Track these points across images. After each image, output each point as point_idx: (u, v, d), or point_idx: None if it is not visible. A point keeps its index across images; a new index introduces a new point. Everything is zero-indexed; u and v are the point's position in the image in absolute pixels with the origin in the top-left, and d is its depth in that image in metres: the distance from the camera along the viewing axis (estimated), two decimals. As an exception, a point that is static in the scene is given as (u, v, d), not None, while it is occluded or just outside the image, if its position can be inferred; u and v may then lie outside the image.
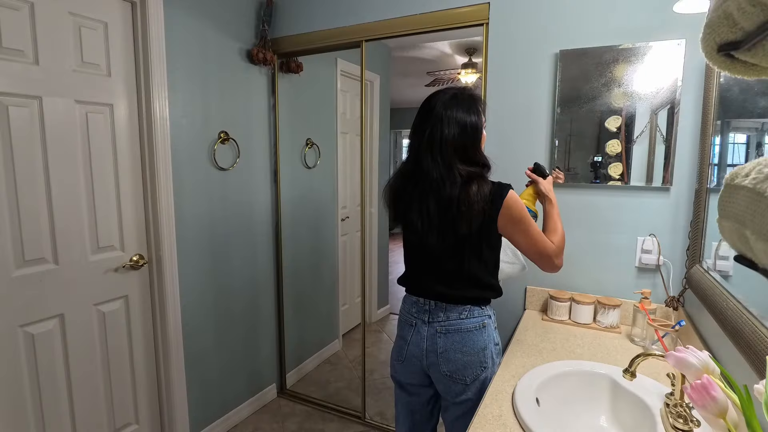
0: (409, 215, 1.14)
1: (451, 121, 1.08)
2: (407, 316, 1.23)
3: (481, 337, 1.15)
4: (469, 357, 1.13)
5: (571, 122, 1.54)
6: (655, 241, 1.47)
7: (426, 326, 1.17)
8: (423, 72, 3.89)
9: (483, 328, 1.15)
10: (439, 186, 1.08)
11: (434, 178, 1.08)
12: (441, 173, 1.07)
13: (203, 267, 1.94)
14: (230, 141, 2.00)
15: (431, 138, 1.09)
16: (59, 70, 1.44)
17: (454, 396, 1.17)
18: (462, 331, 1.14)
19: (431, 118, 1.10)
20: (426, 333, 1.17)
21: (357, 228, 3.01)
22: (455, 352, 1.14)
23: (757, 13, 0.33)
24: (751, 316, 0.78)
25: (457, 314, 1.15)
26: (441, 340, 1.15)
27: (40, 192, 1.42)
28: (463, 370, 1.14)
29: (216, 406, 2.05)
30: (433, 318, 1.17)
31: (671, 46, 1.38)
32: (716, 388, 0.54)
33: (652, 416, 0.92)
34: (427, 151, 1.09)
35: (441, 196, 1.08)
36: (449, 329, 1.15)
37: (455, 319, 1.15)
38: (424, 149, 1.10)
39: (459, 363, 1.14)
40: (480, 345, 1.14)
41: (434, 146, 1.08)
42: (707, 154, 1.24)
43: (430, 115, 1.10)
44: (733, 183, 0.44)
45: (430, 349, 1.16)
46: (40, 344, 1.45)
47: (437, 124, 1.08)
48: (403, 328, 1.24)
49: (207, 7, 1.86)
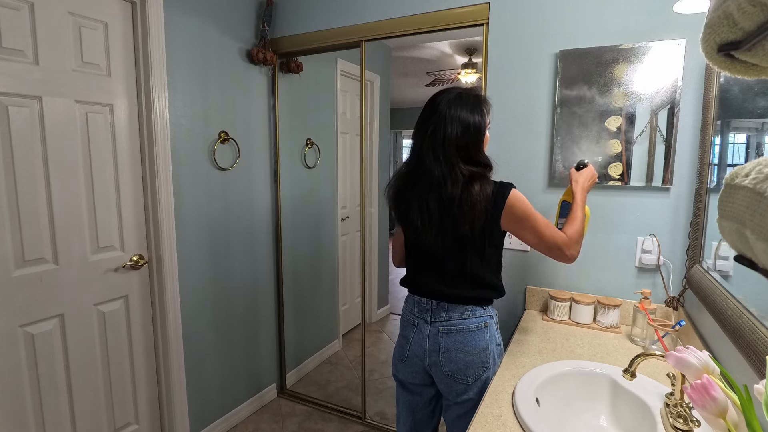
0: (410, 214, 1.14)
1: (455, 120, 1.08)
2: (409, 315, 1.23)
3: (483, 338, 1.15)
4: (470, 357, 1.14)
5: (572, 122, 1.53)
6: (655, 241, 1.47)
7: (428, 326, 1.18)
8: (423, 72, 3.89)
9: (485, 329, 1.16)
10: (441, 184, 1.08)
11: (435, 176, 1.08)
12: (443, 172, 1.07)
13: (203, 267, 1.94)
14: (230, 141, 2.00)
15: (434, 136, 1.09)
16: (59, 70, 1.44)
17: (455, 396, 1.17)
18: (464, 331, 1.14)
19: (435, 117, 1.10)
20: (428, 333, 1.17)
21: (357, 228, 3.01)
22: (457, 352, 1.14)
23: (757, 13, 0.33)
24: (751, 316, 0.78)
25: (459, 314, 1.15)
26: (443, 339, 1.15)
27: (40, 192, 1.42)
28: (464, 370, 1.14)
29: (216, 406, 2.05)
30: (435, 318, 1.17)
31: (671, 46, 1.38)
32: (716, 388, 0.54)
33: (652, 416, 0.92)
34: (429, 150, 1.09)
35: (442, 194, 1.08)
36: (451, 329, 1.15)
37: (457, 319, 1.15)
38: (426, 147, 1.10)
39: (461, 363, 1.14)
40: (482, 345, 1.15)
41: (436, 145, 1.08)
42: (707, 154, 1.24)
43: (434, 114, 1.10)
44: (733, 183, 0.44)
45: (432, 349, 1.16)
46: (40, 344, 1.45)
47: (440, 123, 1.08)
48: (405, 328, 1.24)
49: (207, 7, 1.86)
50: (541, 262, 1.65)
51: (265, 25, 2.08)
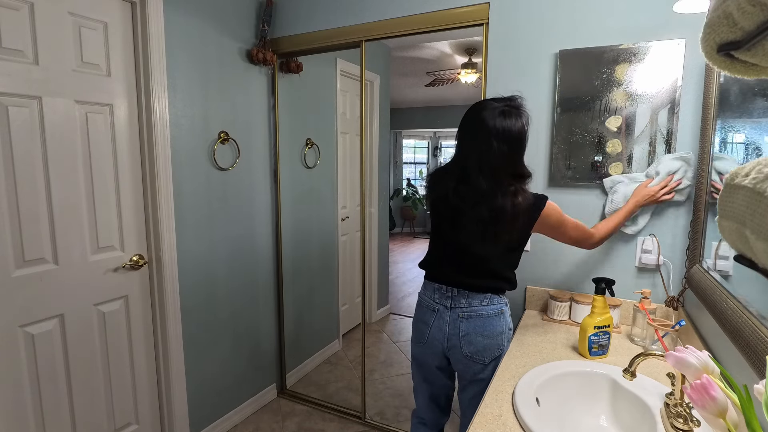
0: (459, 219, 1.22)
1: (501, 139, 1.14)
2: (429, 301, 1.31)
3: (499, 323, 1.26)
4: (489, 340, 1.24)
5: (572, 122, 1.53)
6: (655, 241, 1.47)
7: (448, 311, 1.26)
8: (423, 72, 3.89)
9: (501, 314, 1.26)
10: (488, 198, 1.15)
11: (482, 190, 1.16)
12: (491, 187, 1.15)
13: (203, 267, 1.94)
14: (230, 141, 2.00)
15: (481, 156, 1.15)
16: (59, 70, 1.44)
17: (472, 375, 1.27)
18: (483, 317, 1.24)
19: (481, 135, 1.15)
20: (449, 318, 1.26)
21: (357, 228, 3.01)
22: (477, 335, 1.24)
23: (757, 12, 0.33)
24: (751, 316, 0.78)
25: (479, 301, 1.24)
26: (463, 324, 1.24)
27: (40, 192, 1.42)
28: (483, 352, 1.24)
29: (216, 406, 2.05)
30: (455, 304, 1.26)
31: (671, 46, 1.38)
32: (716, 388, 0.54)
33: (652, 416, 0.92)
34: (476, 168, 1.16)
35: (488, 208, 1.15)
36: (471, 314, 1.24)
37: (477, 306, 1.24)
38: (473, 166, 1.17)
39: (480, 345, 1.24)
40: (498, 329, 1.25)
41: (483, 165, 1.15)
42: (707, 154, 1.24)
43: (480, 131, 1.16)
44: (733, 183, 0.44)
45: (452, 333, 1.26)
46: (40, 344, 1.45)
47: (487, 142, 1.14)
48: (425, 314, 1.32)
49: (207, 7, 1.86)
50: (541, 263, 1.65)
51: (265, 25, 2.08)
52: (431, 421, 1.45)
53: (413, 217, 7.10)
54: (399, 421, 2.16)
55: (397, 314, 3.59)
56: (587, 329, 1.21)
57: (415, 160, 7.48)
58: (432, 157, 7.36)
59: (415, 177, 7.42)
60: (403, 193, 7.12)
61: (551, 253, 1.63)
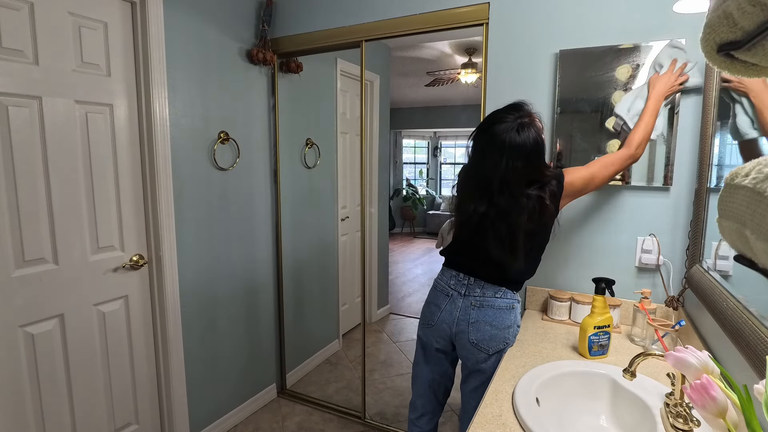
0: (482, 231, 1.24)
1: (518, 155, 1.16)
2: (444, 286, 1.35)
3: (509, 316, 1.28)
4: (496, 331, 1.27)
5: (572, 122, 1.53)
6: (655, 241, 1.47)
7: (461, 298, 1.30)
8: (423, 72, 3.90)
9: (512, 309, 1.29)
10: (508, 216, 1.19)
11: (504, 209, 1.19)
12: (509, 204, 1.18)
13: (203, 267, 1.94)
14: (230, 141, 2.00)
15: (503, 176, 1.17)
16: (59, 70, 1.44)
17: (474, 363, 1.30)
18: (494, 308, 1.27)
19: (498, 154, 1.17)
20: (461, 304, 1.30)
21: (357, 228, 3.01)
22: (485, 324, 1.27)
23: (757, 12, 0.33)
24: (751, 316, 0.78)
25: (493, 293, 1.28)
26: (474, 311, 1.28)
27: (40, 192, 1.42)
28: (488, 341, 1.27)
29: (216, 406, 2.05)
30: (469, 292, 1.29)
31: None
32: (716, 388, 0.54)
33: (652, 416, 0.92)
34: (498, 189, 1.19)
35: (510, 223, 1.19)
36: (483, 304, 1.28)
37: (490, 297, 1.28)
38: (495, 186, 1.19)
39: (487, 334, 1.27)
40: (507, 323, 1.28)
41: (504, 186, 1.18)
42: (707, 154, 1.24)
43: (497, 151, 1.17)
44: (733, 183, 0.44)
45: (462, 319, 1.29)
46: (40, 344, 1.45)
47: (506, 161, 1.16)
48: (438, 297, 1.35)
49: (207, 7, 1.86)
50: (541, 263, 1.64)
51: (264, 25, 2.08)
52: (425, 409, 1.45)
53: (413, 217, 7.10)
54: (399, 421, 2.16)
55: (397, 314, 3.59)
56: (587, 329, 1.21)
57: (415, 160, 7.48)
58: (432, 157, 7.36)
59: (415, 177, 7.42)
60: (403, 193, 7.12)
61: (551, 253, 1.63)
